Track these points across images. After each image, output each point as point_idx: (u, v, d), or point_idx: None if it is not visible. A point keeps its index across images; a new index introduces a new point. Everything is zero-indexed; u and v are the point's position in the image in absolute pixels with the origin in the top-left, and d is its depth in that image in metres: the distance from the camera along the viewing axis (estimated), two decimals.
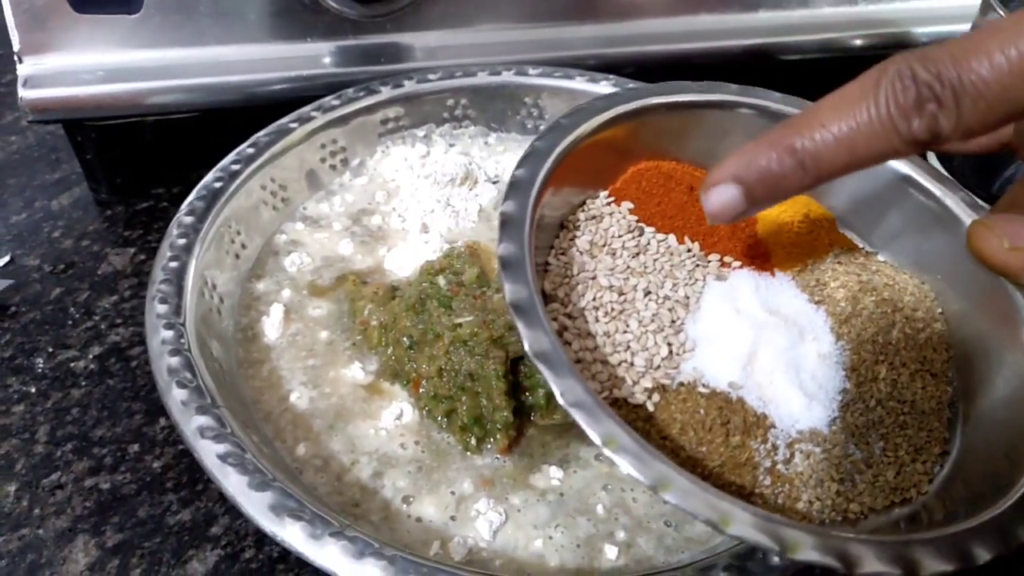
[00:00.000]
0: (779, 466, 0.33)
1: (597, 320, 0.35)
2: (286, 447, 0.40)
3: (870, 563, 0.27)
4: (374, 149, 0.55)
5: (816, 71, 0.60)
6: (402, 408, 0.42)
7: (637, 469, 0.28)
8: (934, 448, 0.36)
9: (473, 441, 0.41)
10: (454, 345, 0.41)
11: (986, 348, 0.37)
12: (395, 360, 0.43)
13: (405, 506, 0.39)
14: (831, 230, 0.42)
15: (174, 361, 0.38)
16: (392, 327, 0.43)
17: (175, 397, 0.36)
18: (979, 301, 0.38)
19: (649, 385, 0.34)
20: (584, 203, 0.40)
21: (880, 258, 0.42)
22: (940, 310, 0.40)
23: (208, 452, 0.35)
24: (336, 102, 0.53)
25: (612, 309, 0.36)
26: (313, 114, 0.52)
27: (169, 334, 0.39)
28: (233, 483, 0.34)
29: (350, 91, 0.54)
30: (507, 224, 0.34)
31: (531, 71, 0.56)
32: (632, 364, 0.35)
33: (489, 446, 0.41)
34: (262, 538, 0.41)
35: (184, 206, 0.45)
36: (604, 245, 0.38)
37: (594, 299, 0.36)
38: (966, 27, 0.57)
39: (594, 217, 0.39)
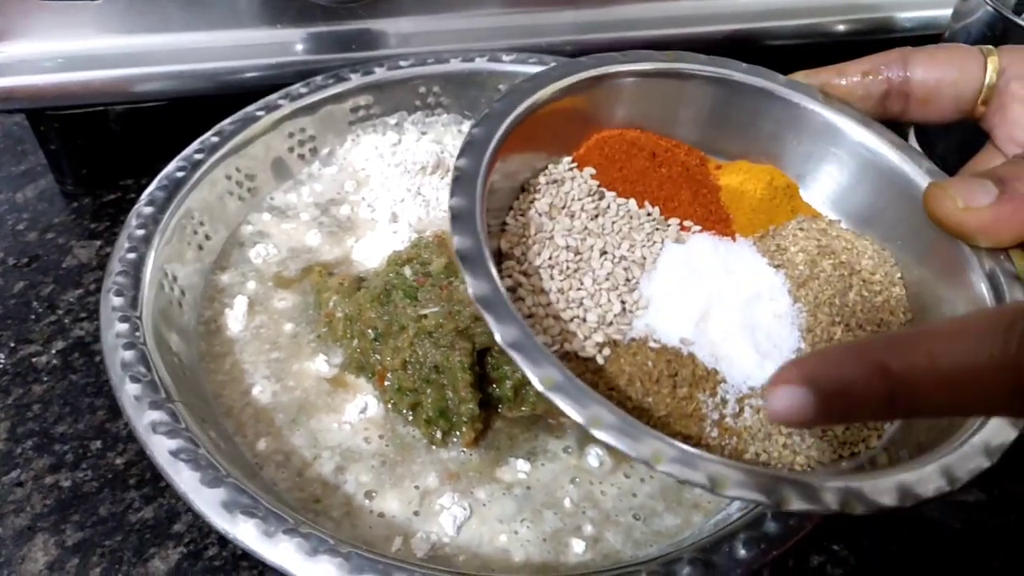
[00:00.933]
0: (727, 419, 0.34)
1: (552, 278, 0.35)
2: (247, 442, 0.40)
3: (798, 501, 0.26)
4: (344, 138, 0.54)
5: (799, 56, 0.59)
6: (367, 401, 0.41)
7: (572, 408, 0.27)
8: None
9: (438, 434, 0.40)
10: (419, 337, 0.40)
11: (942, 313, 0.37)
12: (360, 353, 0.42)
13: (367, 501, 0.38)
14: (794, 198, 0.42)
15: (128, 355, 0.37)
16: (357, 319, 0.42)
17: (128, 392, 0.35)
18: (938, 268, 0.38)
19: (600, 340, 0.34)
20: (546, 167, 0.40)
21: (843, 225, 0.42)
22: (899, 275, 0.40)
23: (160, 448, 0.34)
24: (304, 90, 0.52)
25: (567, 267, 0.36)
26: (280, 102, 0.51)
27: (124, 327, 0.38)
28: (185, 480, 0.33)
29: (319, 79, 0.53)
30: (460, 179, 0.33)
31: (505, 58, 0.55)
32: (585, 320, 0.35)
33: (455, 439, 0.40)
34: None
35: (144, 196, 0.44)
36: (563, 207, 0.38)
37: (550, 258, 0.36)
38: (947, 12, 0.56)
39: (555, 181, 0.39)
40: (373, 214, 0.50)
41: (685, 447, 0.27)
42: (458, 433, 0.40)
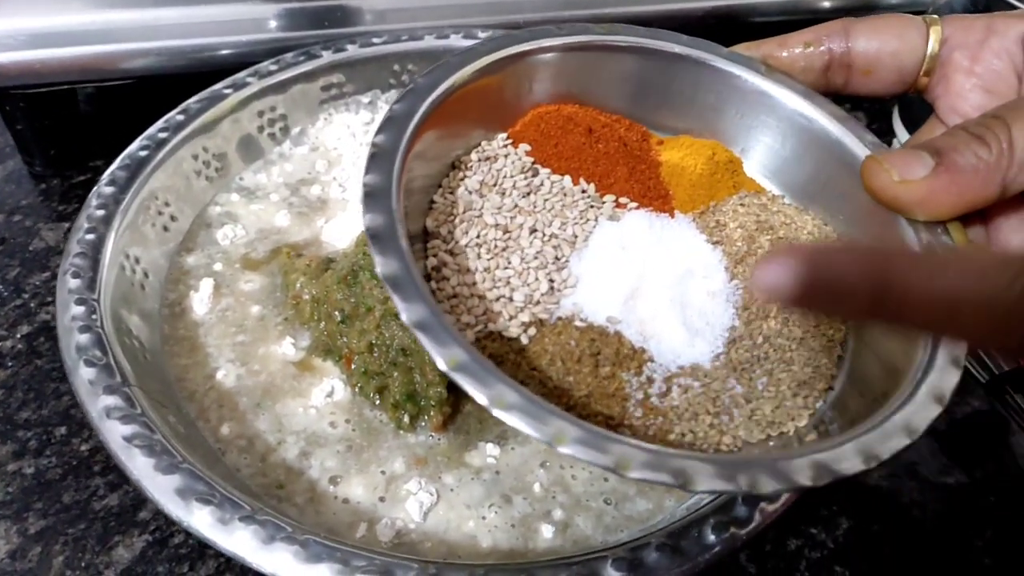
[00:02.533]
0: (653, 399, 0.33)
1: (479, 257, 0.34)
2: (209, 427, 0.39)
3: (706, 480, 0.25)
4: (316, 116, 0.53)
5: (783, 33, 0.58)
6: (333, 385, 0.40)
7: (475, 388, 0.27)
8: (819, 384, 0.35)
9: (406, 418, 0.39)
10: (385, 319, 0.39)
11: None
12: (327, 335, 0.41)
13: (332, 487, 0.37)
14: (736, 173, 0.41)
15: (83, 338, 0.36)
16: (324, 301, 0.41)
17: (82, 376, 0.34)
18: (877, 241, 0.37)
19: (526, 319, 0.33)
20: (479, 144, 0.39)
21: (786, 200, 0.41)
22: None
23: (113, 434, 0.33)
24: (274, 67, 0.50)
25: (495, 246, 0.35)
26: (248, 80, 0.49)
27: (80, 310, 0.37)
28: (139, 466, 0.32)
29: (289, 56, 0.51)
30: (376, 156, 0.32)
31: (480, 34, 0.54)
32: (511, 299, 0.34)
33: (423, 423, 0.39)
34: None
35: (105, 176, 0.43)
36: (495, 185, 0.37)
37: (478, 236, 0.35)
38: None
39: (488, 158, 0.38)
40: (344, 194, 0.49)
41: (591, 427, 0.26)
42: (426, 417, 0.39)
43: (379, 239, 0.29)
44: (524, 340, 0.33)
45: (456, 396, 0.40)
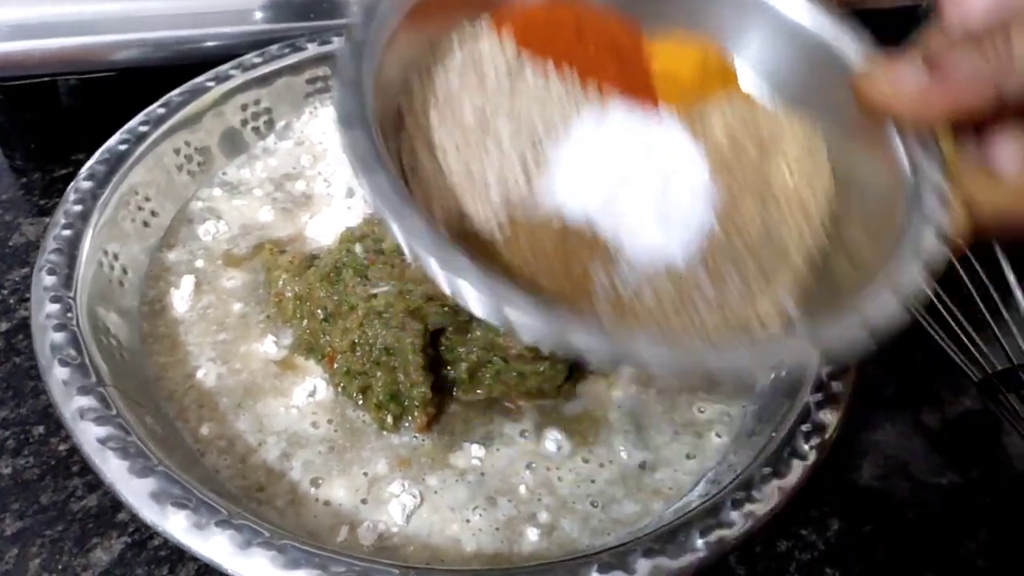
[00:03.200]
0: (624, 297, 0.32)
1: (455, 146, 0.33)
2: (189, 427, 0.38)
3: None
4: (301, 110, 0.52)
5: None
6: (316, 384, 0.40)
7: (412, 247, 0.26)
8: (790, 285, 0.34)
9: (389, 419, 0.38)
10: (368, 318, 0.38)
11: (862, 194, 0.36)
12: (309, 334, 0.41)
13: (313, 489, 0.36)
14: (729, 81, 0.40)
15: (58, 337, 0.35)
16: (307, 299, 0.41)
17: (56, 376, 0.34)
18: (864, 148, 0.36)
19: (502, 217, 0.32)
20: (462, 25, 0.36)
21: (774, 104, 0.40)
22: (825, 158, 0.38)
23: (87, 435, 0.32)
24: (258, 60, 0.49)
25: (471, 135, 0.33)
26: (232, 72, 0.48)
27: (55, 308, 0.36)
28: (113, 469, 0.31)
29: (273, 48, 0.50)
30: (352, 47, 0.30)
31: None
32: (486, 194, 0.32)
33: (407, 424, 0.39)
34: None
35: (83, 170, 0.42)
36: (474, 69, 0.35)
37: (453, 121, 0.33)
38: None
39: (469, 41, 0.36)
40: (329, 189, 0.48)
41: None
42: (410, 418, 0.38)
43: (347, 121, 0.28)
44: (498, 236, 0.32)
45: (441, 396, 0.39)
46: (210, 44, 0.53)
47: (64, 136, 0.57)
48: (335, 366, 0.39)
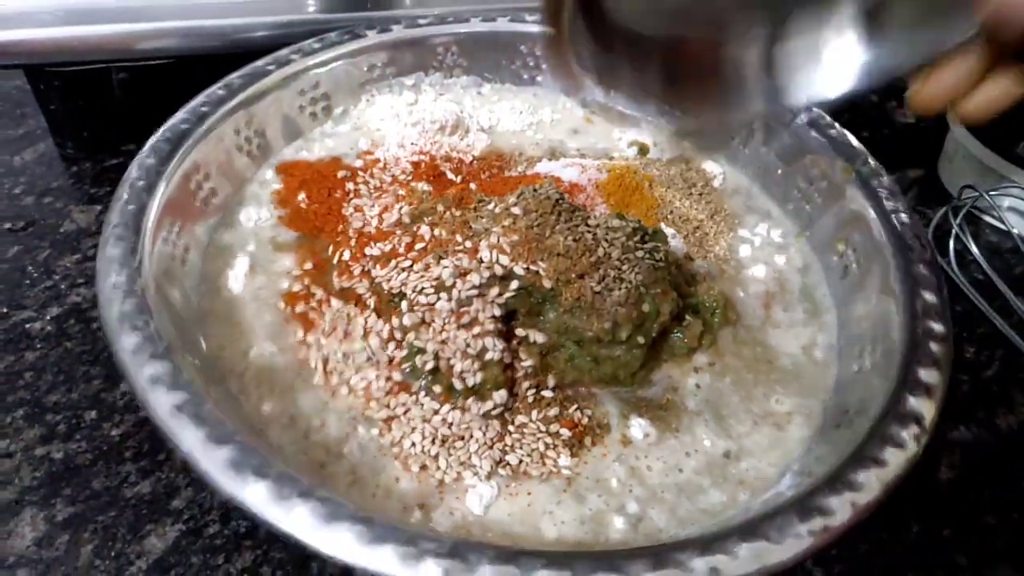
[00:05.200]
0: None
1: None
2: (251, 404, 0.37)
3: None
4: (358, 97, 0.52)
5: None
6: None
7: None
8: None
9: (460, 400, 0.37)
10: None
11: None
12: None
13: (377, 471, 0.35)
14: None
15: (128, 305, 0.34)
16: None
17: (125, 344, 0.33)
18: None
19: None
20: None
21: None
22: None
23: (161, 403, 0.31)
24: (317, 46, 0.50)
25: None
26: (292, 57, 0.48)
27: (122, 278, 0.35)
28: (188, 437, 0.30)
29: (333, 35, 0.50)
30: None
31: (528, 18, 0.53)
32: None
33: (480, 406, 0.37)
34: (227, 512, 0.38)
35: (146, 147, 0.42)
36: None
37: None
38: None
39: None
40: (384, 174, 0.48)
41: None
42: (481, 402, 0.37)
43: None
44: None
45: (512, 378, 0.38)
46: (261, 34, 0.53)
47: (115, 127, 0.57)
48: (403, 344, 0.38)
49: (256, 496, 0.29)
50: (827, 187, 0.48)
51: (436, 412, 0.37)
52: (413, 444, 0.36)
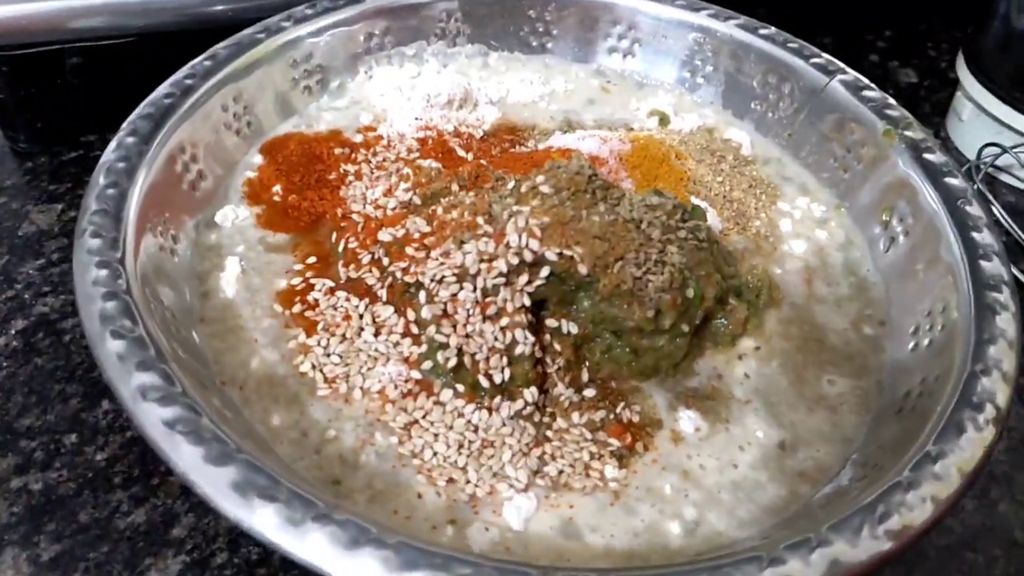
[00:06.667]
0: None
1: None
2: (256, 415, 0.34)
3: None
4: (356, 70, 0.49)
5: None
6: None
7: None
8: None
9: (487, 400, 0.34)
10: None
11: None
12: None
13: (399, 483, 0.32)
14: None
15: (109, 306, 0.31)
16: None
17: (109, 351, 0.30)
18: None
19: None
20: None
21: None
22: None
23: (151, 418, 0.28)
24: (310, 12, 0.47)
25: None
26: (284, 24, 0.46)
27: (102, 274, 0.32)
28: (185, 456, 0.27)
29: (327, 0, 0.47)
30: None
31: None
32: None
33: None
34: (236, 538, 0.35)
35: (125, 125, 0.39)
36: None
37: None
38: None
39: None
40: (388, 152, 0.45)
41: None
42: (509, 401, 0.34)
43: None
44: None
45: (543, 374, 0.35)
46: (222, 7, 0.49)
47: (72, 117, 0.54)
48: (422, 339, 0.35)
49: (266, 522, 0.26)
50: (867, 153, 0.46)
51: (460, 415, 0.34)
52: (435, 454, 0.33)
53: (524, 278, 0.35)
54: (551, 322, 0.36)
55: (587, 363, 0.37)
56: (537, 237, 0.35)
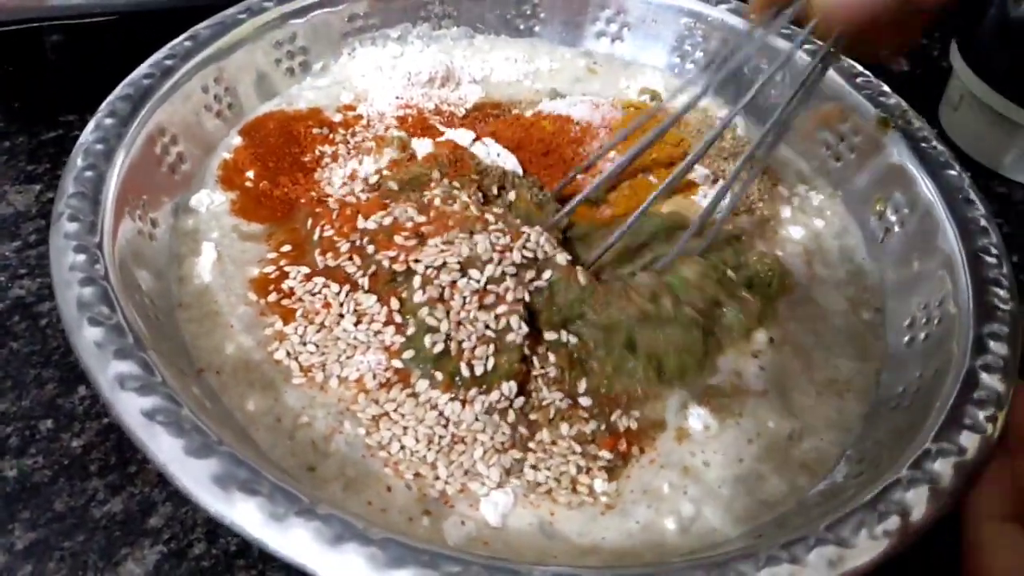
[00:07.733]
0: None
1: None
2: (232, 402, 0.33)
3: None
4: (339, 51, 0.49)
5: None
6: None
7: None
8: None
9: (463, 391, 0.34)
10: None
11: None
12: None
13: (373, 471, 0.32)
14: None
15: (86, 292, 0.30)
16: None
17: (86, 338, 0.29)
18: None
19: None
20: None
21: None
22: None
23: (130, 408, 0.27)
24: None
25: None
26: (266, 4, 0.45)
27: (80, 259, 0.31)
28: (164, 448, 0.27)
29: None
30: None
31: None
32: None
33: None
34: (215, 528, 0.35)
35: (103, 106, 0.38)
36: None
37: None
38: None
39: None
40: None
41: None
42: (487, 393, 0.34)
43: None
44: None
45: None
46: None
47: (51, 96, 0.53)
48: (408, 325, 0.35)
49: (247, 516, 0.25)
50: (861, 142, 0.46)
51: (433, 407, 0.33)
52: (403, 447, 0.33)
53: (531, 273, 0.35)
54: (550, 335, 0.36)
55: (587, 375, 0.36)
56: (552, 244, 0.36)
